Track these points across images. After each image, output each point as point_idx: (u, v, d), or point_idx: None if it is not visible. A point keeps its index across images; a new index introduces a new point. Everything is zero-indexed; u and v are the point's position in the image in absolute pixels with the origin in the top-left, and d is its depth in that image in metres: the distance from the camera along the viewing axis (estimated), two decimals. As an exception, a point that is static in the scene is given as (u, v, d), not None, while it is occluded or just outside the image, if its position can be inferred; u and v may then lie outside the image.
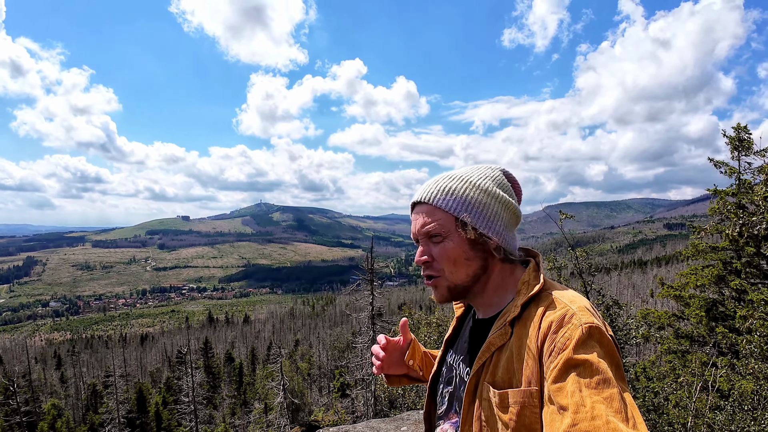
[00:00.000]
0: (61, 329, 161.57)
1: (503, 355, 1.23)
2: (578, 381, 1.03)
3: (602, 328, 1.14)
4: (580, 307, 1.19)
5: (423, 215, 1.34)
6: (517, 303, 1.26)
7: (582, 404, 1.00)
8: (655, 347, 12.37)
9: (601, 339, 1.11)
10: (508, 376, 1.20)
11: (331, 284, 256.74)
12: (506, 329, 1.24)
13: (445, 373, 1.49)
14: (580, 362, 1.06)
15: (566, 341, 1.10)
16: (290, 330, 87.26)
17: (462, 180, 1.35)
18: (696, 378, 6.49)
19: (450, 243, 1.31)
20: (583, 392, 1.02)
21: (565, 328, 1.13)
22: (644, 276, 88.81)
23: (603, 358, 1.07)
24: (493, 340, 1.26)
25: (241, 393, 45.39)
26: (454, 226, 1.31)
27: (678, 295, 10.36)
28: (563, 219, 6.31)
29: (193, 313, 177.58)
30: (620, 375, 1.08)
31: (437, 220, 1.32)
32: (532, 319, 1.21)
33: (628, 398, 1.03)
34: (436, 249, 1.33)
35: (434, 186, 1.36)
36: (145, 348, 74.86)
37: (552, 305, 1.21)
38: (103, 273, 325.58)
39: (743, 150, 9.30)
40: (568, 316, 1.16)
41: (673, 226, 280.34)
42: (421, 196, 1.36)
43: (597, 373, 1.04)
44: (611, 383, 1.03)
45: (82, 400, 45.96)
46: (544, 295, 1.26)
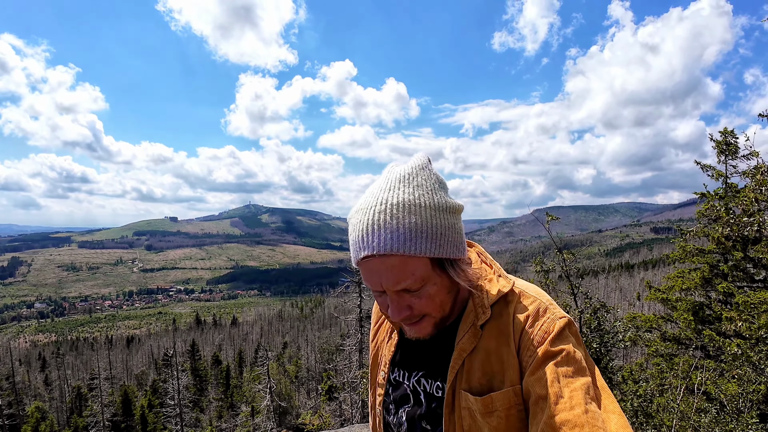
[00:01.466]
0: (46, 331, 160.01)
1: (475, 359, 1.17)
2: (556, 371, 1.05)
3: (572, 319, 1.16)
4: (549, 300, 1.19)
5: (391, 270, 1.06)
6: (484, 304, 1.19)
7: (561, 394, 1.01)
8: (642, 350, 12.43)
9: (573, 330, 1.13)
10: (487, 379, 1.14)
11: (320, 286, 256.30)
12: (475, 332, 1.17)
13: (392, 393, 1.36)
14: (557, 352, 1.07)
15: (544, 334, 1.10)
16: (278, 332, 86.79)
17: (419, 207, 1.05)
18: (682, 381, 6.50)
19: (432, 288, 1.12)
20: (561, 381, 1.03)
21: (541, 321, 1.13)
22: (631, 279, 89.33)
23: (577, 347, 1.10)
24: (464, 346, 1.18)
25: (228, 396, 45.04)
26: (431, 269, 1.09)
27: (665, 299, 10.40)
28: (550, 221, 6.30)
29: (180, 315, 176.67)
30: (590, 361, 1.11)
31: (413, 273, 1.06)
32: (504, 317, 1.17)
33: (602, 384, 1.08)
34: (416, 300, 1.12)
35: (392, 228, 1.03)
36: (132, 350, 74.15)
37: (521, 301, 1.18)
38: (89, 274, 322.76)
39: (730, 154, 9.35)
40: (542, 309, 1.15)
41: (660, 230, 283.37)
42: (384, 247, 1.03)
43: (573, 362, 1.06)
44: (585, 371, 1.06)
45: (67, 403, 45.40)
46: (510, 292, 1.21)
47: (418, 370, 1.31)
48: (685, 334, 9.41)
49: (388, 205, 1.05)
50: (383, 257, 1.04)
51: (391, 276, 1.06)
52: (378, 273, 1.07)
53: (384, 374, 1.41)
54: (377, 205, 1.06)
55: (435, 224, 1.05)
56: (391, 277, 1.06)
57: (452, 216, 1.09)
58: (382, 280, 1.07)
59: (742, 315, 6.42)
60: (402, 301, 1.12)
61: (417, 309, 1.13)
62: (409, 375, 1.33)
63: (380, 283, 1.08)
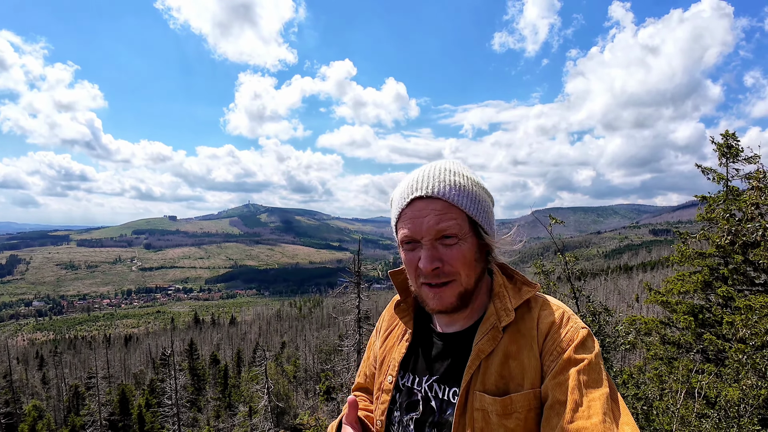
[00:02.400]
0: (44, 329, 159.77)
1: (492, 361, 1.19)
2: (577, 378, 1.08)
3: (591, 331, 1.21)
4: (571, 312, 1.24)
5: (436, 212, 1.17)
6: (507, 307, 1.22)
7: (580, 403, 1.04)
8: (642, 353, 12.40)
9: (594, 341, 1.18)
10: (504, 382, 1.17)
11: (319, 286, 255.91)
12: (495, 334, 1.20)
13: (400, 399, 1.35)
14: (579, 360, 1.10)
15: (568, 341, 1.14)
16: (277, 332, 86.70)
17: (463, 176, 1.23)
18: (682, 385, 6.46)
19: (465, 245, 1.19)
20: (581, 390, 1.06)
21: (566, 329, 1.17)
22: (630, 281, 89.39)
23: (598, 358, 1.14)
24: (482, 347, 1.20)
25: (226, 395, 44.96)
26: (468, 226, 1.20)
27: (665, 301, 10.36)
28: (552, 224, 6.26)
29: (178, 314, 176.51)
30: (608, 374, 1.15)
31: (454, 219, 1.17)
32: (527, 322, 1.21)
33: (616, 396, 1.11)
34: (449, 252, 1.18)
35: (442, 179, 1.20)
36: (129, 349, 74.09)
37: (545, 308, 1.22)
38: (87, 272, 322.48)
39: (731, 157, 9.31)
40: (566, 318, 1.20)
41: (659, 232, 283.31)
42: (433, 190, 1.18)
43: (594, 371, 1.10)
44: (604, 383, 1.09)
45: (64, 402, 45.27)
46: (533, 298, 1.26)
47: (431, 374, 1.30)
48: (685, 338, 9.37)
49: (437, 166, 1.24)
50: (429, 199, 1.17)
51: (434, 217, 1.16)
52: (421, 215, 1.18)
53: (392, 379, 1.38)
54: (426, 166, 1.25)
55: (475, 191, 1.21)
56: (434, 218, 1.16)
57: (488, 197, 1.27)
58: (424, 222, 1.17)
59: (747, 322, 6.37)
60: (435, 252, 1.17)
61: (447, 263, 1.18)
62: (420, 380, 1.32)
63: (422, 225, 1.17)
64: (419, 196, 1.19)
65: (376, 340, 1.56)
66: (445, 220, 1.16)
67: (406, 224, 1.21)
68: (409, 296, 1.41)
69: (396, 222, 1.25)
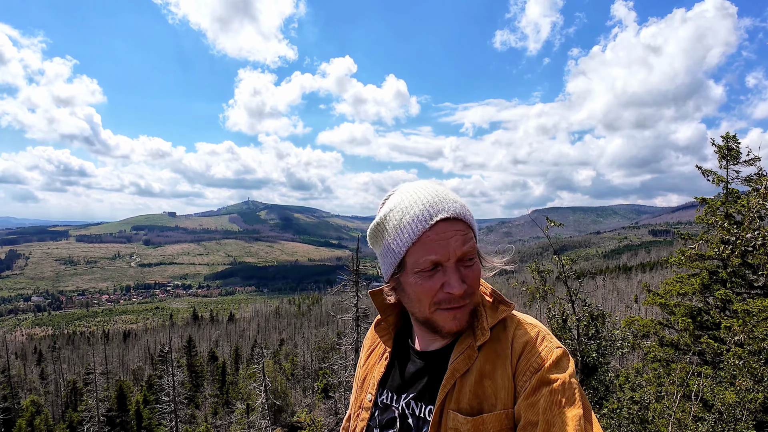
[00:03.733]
0: (43, 324, 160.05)
1: (467, 380, 1.19)
2: (550, 399, 1.07)
3: (567, 351, 1.20)
4: (547, 331, 1.24)
5: (462, 234, 1.17)
6: (483, 326, 1.23)
7: (552, 423, 1.04)
8: (639, 354, 12.40)
9: (569, 362, 1.17)
10: (477, 402, 1.16)
11: (318, 284, 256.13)
12: (471, 353, 1.21)
13: (378, 416, 1.35)
14: (553, 380, 1.10)
15: (542, 361, 1.14)
16: (275, 329, 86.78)
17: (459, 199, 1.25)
18: (679, 388, 6.45)
19: (478, 265, 1.22)
20: (553, 410, 1.06)
21: (539, 348, 1.17)
22: (629, 281, 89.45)
23: (573, 377, 1.13)
24: (458, 366, 1.20)
25: (224, 392, 45.02)
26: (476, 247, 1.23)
27: (663, 303, 10.36)
28: (550, 226, 6.24)
29: (177, 311, 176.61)
30: (583, 394, 1.14)
31: (472, 239, 1.20)
32: (502, 342, 1.21)
33: (590, 417, 1.10)
34: (470, 273, 1.19)
35: (455, 200, 1.21)
36: (128, 345, 74.16)
37: (520, 327, 1.23)
38: (86, 268, 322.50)
39: (731, 159, 9.30)
40: (540, 337, 1.20)
41: (658, 232, 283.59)
42: (455, 211, 1.18)
43: (568, 392, 1.09)
44: (579, 403, 1.08)
45: (62, 397, 45.32)
46: (509, 317, 1.27)
47: (409, 392, 1.30)
48: (684, 340, 9.37)
49: (438, 188, 1.24)
50: (454, 221, 1.17)
51: (459, 238, 1.16)
52: (447, 237, 1.16)
53: (371, 396, 1.39)
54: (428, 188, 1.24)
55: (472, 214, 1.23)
56: (460, 239, 1.16)
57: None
58: (451, 244, 1.15)
59: (745, 327, 6.36)
60: (460, 273, 1.17)
61: (469, 283, 1.18)
62: (398, 397, 1.32)
63: (449, 247, 1.15)
64: (445, 218, 1.17)
65: (360, 359, 1.56)
66: (468, 241, 1.18)
67: (430, 248, 1.17)
68: (390, 315, 1.42)
69: (409, 247, 1.19)
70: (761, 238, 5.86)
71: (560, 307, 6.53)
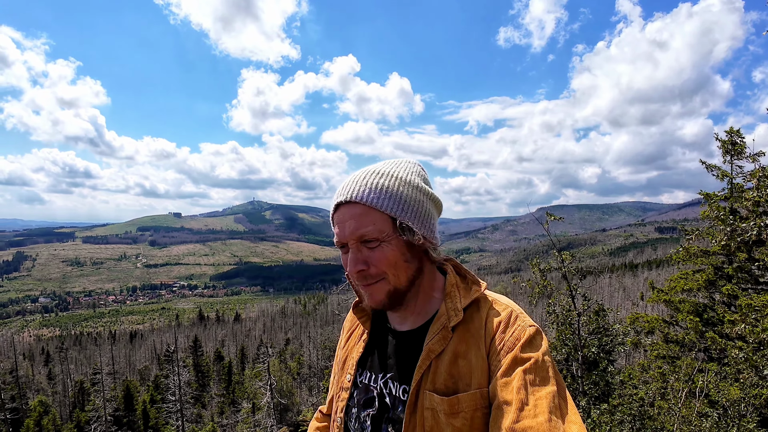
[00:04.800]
0: (50, 325, 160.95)
1: (442, 360, 1.20)
2: (524, 377, 1.08)
3: (540, 329, 1.21)
4: (519, 309, 1.25)
5: (354, 218, 1.19)
6: (456, 307, 1.24)
7: (526, 402, 1.04)
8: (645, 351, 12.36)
9: (543, 339, 1.18)
10: (453, 382, 1.17)
11: (323, 283, 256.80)
12: (446, 334, 1.21)
13: (357, 396, 1.37)
14: (526, 359, 1.11)
15: (515, 340, 1.15)
16: (281, 329, 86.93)
17: (390, 176, 1.23)
18: (684, 384, 6.42)
19: (388, 247, 1.20)
20: (528, 389, 1.06)
21: (512, 328, 1.18)
22: (635, 279, 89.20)
23: (546, 355, 1.14)
24: (433, 347, 1.21)
25: (230, 392, 45.11)
26: (391, 228, 1.20)
27: (668, 300, 10.31)
28: (550, 221, 6.22)
29: (183, 311, 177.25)
30: (557, 371, 1.14)
31: (373, 223, 1.19)
32: (476, 322, 1.22)
33: (564, 394, 1.10)
34: (373, 255, 1.20)
35: (363, 183, 1.21)
36: (134, 345, 74.39)
37: (494, 307, 1.24)
38: (93, 269, 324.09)
39: (736, 154, 9.25)
40: (513, 317, 1.20)
41: (665, 229, 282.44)
42: (350, 195, 1.20)
43: (541, 370, 1.10)
44: (552, 381, 1.09)
45: (69, 398, 45.54)
46: (482, 298, 1.27)
47: (386, 372, 1.32)
48: (689, 337, 9.33)
49: (367, 169, 1.26)
50: (349, 204, 1.20)
51: (353, 222, 1.19)
52: (343, 220, 1.20)
53: (350, 377, 1.41)
54: (358, 170, 1.27)
55: (401, 191, 1.21)
56: (353, 223, 1.18)
57: (421, 194, 1.25)
58: (346, 227, 1.20)
59: (747, 318, 6.33)
60: (360, 254, 1.20)
61: (373, 265, 1.20)
62: (376, 377, 1.33)
63: (344, 230, 1.20)
64: (340, 202, 1.22)
65: (340, 341, 1.57)
66: (364, 226, 1.18)
67: (335, 229, 1.25)
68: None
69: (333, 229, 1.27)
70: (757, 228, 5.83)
71: (561, 302, 6.53)
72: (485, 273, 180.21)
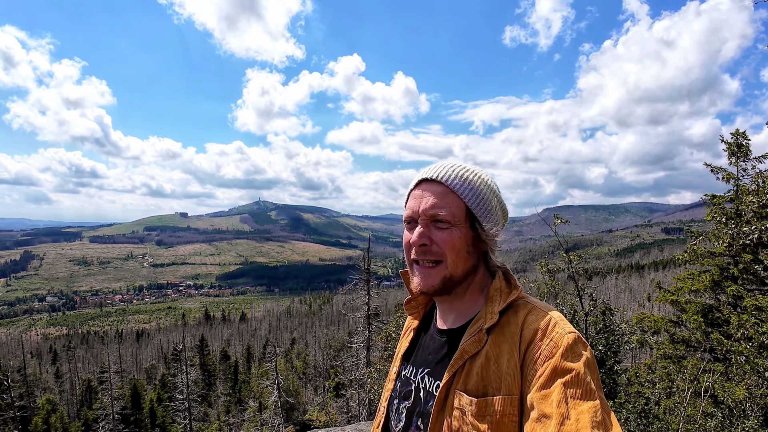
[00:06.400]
0: (58, 324, 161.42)
1: (476, 362, 1.21)
2: (564, 391, 1.04)
3: (583, 337, 1.17)
4: (560, 317, 1.21)
5: (435, 195, 1.26)
6: (494, 310, 1.25)
7: (567, 416, 1.01)
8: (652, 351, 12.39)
9: (585, 348, 1.13)
10: (483, 384, 1.17)
11: (329, 283, 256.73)
12: (481, 336, 1.22)
13: (399, 388, 1.43)
14: (567, 370, 1.07)
15: (553, 349, 1.11)
16: (287, 328, 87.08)
17: (475, 174, 1.31)
18: (689, 384, 6.47)
19: (457, 232, 1.25)
20: (569, 403, 1.03)
21: (551, 335, 1.14)
22: (641, 280, 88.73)
23: (588, 367, 1.09)
24: (467, 348, 1.23)
25: (236, 391, 45.28)
26: (464, 216, 1.27)
27: (674, 300, 10.35)
28: (558, 223, 6.30)
29: (189, 311, 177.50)
30: (599, 383, 1.11)
31: (450, 205, 1.25)
32: (512, 327, 1.21)
33: (607, 408, 1.06)
34: (439, 234, 1.25)
35: (450, 169, 1.30)
36: (141, 344, 74.68)
37: (532, 313, 1.22)
38: (100, 268, 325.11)
39: (741, 156, 9.28)
40: (552, 324, 1.17)
41: (671, 230, 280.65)
42: (437, 174, 1.29)
43: (582, 383, 1.06)
44: (594, 394, 1.05)
45: (77, 396, 45.84)
46: (521, 303, 1.26)
47: (425, 367, 1.36)
48: (695, 337, 9.36)
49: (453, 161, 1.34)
50: (432, 183, 1.28)
51: (431, 198, 1.26)
52: (421, 195, 1.28)
53: (396, 369, 1.49)
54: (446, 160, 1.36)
55: (481, 188, 1.29)
56: (431, 199, 1.26)
57: (495, 199, 1.33)
58: (422, 202, 1.27)
59: (746, 323, 6.37)
60: (427, 230, 1.26)
61: (436, 243, 1.25)
62: (416, 371, 1.39)
63: (420, 204, 1.27)
64: (425, 178, 1.30)
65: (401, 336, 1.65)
66: (440, 205, 1.25)
67: (408, 203, 1.32)
68: (419, 295, 1.46)
69: (405, 203, 1.35)
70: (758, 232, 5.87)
71: (569, 302, 6.60)
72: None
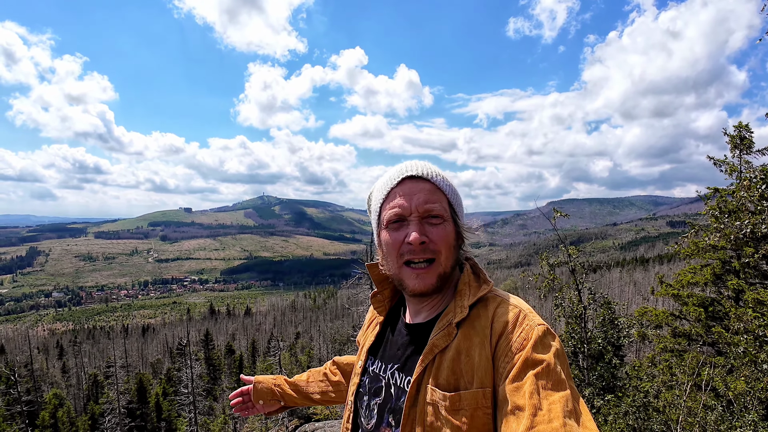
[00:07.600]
0: (64, 319, 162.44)
1: (446, 356, 1.20)
2: (536, 382, 1.05)
3: (550, 328, 1.18)
4: (529, 309, 1.22)
5: (424, 192, 1.27)
6: (463, 304, 1.25)
7: (539, 407, 1.01)
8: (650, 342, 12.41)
9: (554, 339, 1.14)
10: (455, 378, 1.17)
11: (333, 278, 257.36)
12: (450, 330, 1.22)
13: (369, 384, 1.42)
14: (538, 362, 1.08)
15: (523, 341, 1.11)
16: (291, 323, 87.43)
17: (444, 174, 1.33)
18: (690, 377, 6.49)
19: (449, 227, 1.27)
20: (540, 394, 1.03)
21: (521, 328, 1.14)
22: (646, 273, 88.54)
23: (557, 357, 1.10)
24: (437, 342, 1.22)
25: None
26: (449, 212, 1.29)
27: (676, 294, 10.34)
28: (557, 217, 6.31)
29: (194, 305, 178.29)
30: (569, 373, 1.11)
31: (440, 201, 1.27)
32: (482, 320, 1.21)
33: (577, 396, 1.06)
34: (434, 231, 1.25)
35: (430, 167, 1.31)
36: (147, 339, 75.13)
37: (502, 306, 1.22)
38: (105, 264, 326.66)
39: (744, 148, 9.24)
40: (521, 316, 1.17)
41: (676, 223, 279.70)
42: (422, 172, 1.29)
43: (553, 374, 1.06)
44: (565, 384, 1.05)
45: (83, 390, 46.15)
46: (491, 297, 1.26)
47: (395, 362, 1.35)
48: (696, 330, 9.36)
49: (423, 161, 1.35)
50: (419, 180, 1.28)
51: (422, 195, 1.26)
52: (411, 193, 1.27)
53: (361, 363, 1.47)
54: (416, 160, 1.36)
55: (453, 185, 1.33)
56: (422, 196, 1.26)
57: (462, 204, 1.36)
58: (414, 199, 1.26)
59: (744, 316, 6.38)
60: (422, 228, 1.24)
61: (432, 240, 1.24)
62: (386, 367, 1.37)
63: (411, 202, 1.26)
64: (410, 176, 1.29)
65: (362, 327, 1.67)
66: (433, 201, 1.25)
67: (395, 202, 1.28)
68: (386, 288, 1.49)
69: (381, 204, 1.32)
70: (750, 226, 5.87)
71: (568, 295, 6.61)
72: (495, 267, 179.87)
